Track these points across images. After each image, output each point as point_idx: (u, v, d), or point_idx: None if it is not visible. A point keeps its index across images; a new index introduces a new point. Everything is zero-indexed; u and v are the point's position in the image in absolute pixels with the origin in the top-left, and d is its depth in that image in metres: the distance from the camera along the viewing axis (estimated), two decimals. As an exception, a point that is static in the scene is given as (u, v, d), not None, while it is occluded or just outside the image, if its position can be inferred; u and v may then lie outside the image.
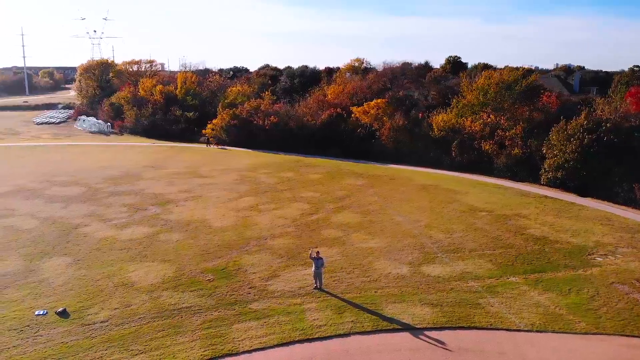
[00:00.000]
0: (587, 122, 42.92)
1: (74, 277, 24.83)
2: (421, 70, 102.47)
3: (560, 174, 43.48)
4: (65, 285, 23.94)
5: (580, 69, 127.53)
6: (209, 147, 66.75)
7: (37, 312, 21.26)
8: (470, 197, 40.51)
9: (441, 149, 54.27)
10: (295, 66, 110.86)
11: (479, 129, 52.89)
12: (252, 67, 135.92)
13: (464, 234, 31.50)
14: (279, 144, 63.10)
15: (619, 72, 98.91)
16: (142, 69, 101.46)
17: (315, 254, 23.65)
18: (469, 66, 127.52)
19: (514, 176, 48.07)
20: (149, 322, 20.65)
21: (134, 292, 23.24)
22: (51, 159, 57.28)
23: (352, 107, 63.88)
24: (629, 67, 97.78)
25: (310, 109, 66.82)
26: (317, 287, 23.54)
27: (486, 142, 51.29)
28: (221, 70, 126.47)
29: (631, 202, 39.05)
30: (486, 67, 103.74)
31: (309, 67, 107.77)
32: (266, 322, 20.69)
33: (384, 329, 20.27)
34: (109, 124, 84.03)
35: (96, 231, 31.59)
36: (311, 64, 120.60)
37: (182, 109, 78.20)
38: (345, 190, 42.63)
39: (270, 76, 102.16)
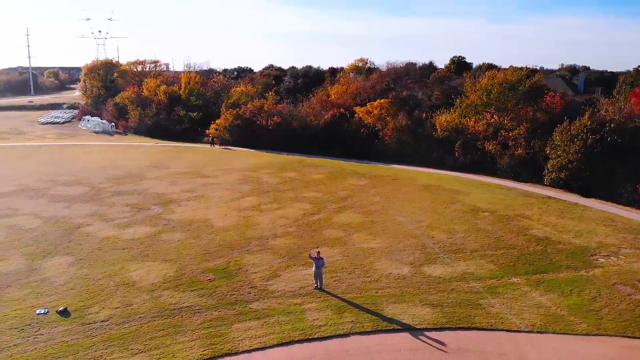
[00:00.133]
0: (590, 123, 42.71)
1: (76, 276, 24.92)
2: (425, 70, 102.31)
3: (563, 174, 43.30)
4: (66, 284, 24.03)
5: (585, 69, 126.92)
6: (213, 147, 66.88)
7: (38, 311, 21.35)
8: (472, 198, 40.40)
9: (444, 149, 54.18)
10: (299, 66, 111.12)
11: (482, 129, 52.75)
12: (257, 68, 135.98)
13: (466, 235, 31.42)
14: (282, 144, 63.16)
15: (624, 72, 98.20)
16: (147, 69, 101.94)
17: (315, 254, 23.64)
18: (474, 66, 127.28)
19: (517, 176, 47.94)
20: (149, 321, 20.70)
21: (135, 292, 23.30)
22: (55, 158, 57.52)
23: (355, 107, 63.83)
24: (634, 67, 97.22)
25: (313, 109, 66.83)
26: (318, 287, 23.53)
27: (489, 143, 51.15)
28: (225, 70, 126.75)
29: (635, 203, 38.86)
30: (491, 67, 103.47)
31: (313, 67, 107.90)
32: (266, 321, 20.69)
33: (383, 329, 20.24)
34: (113, 124, 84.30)
35: (98, 231, 31.69)
36: (315, 65, 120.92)
37: (186, 109, 78.40)
38: (347, 190, 42.60)
39: (274, 76, 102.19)
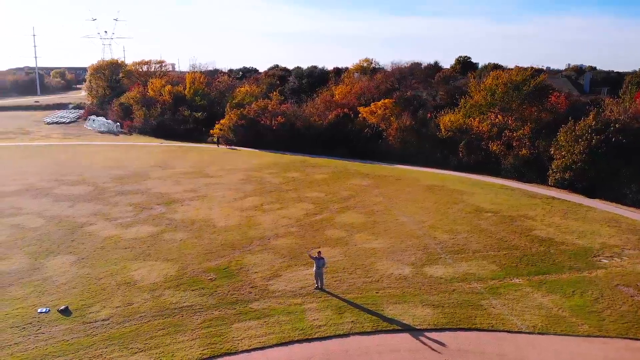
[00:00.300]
0: (595, 123, 42.48)
1: (78, 275, 25.01)
2: (430, 70, 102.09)
3: (568, 174, 43.08)
4: (68, 283, 24.12)
5: (591, 70, 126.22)
6: (218, 147, 66.97)
7: (39, 310, 21.43)
8: (476, 198, 40.25)
9: (448, 149, 54.06)
10: (304, 67, 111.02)
11: (486, 129, 52.57)
12: (262, 68, 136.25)
13: (468, 235, 31.30)
14: (286, 144, 63.20)
15: (630, 72, 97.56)
16: (152, 70, 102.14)
17: (316, 253, 23.61)
18: (480, 66, 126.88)
19: (521, 177, 47.75)
20: (149, 320, 20.74)
21: (136, 291, 23.35)
22: (60, 158, 57.79)
23: (359, 107, 63.80)
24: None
25: (317, 109, 66.87)
26: (318, 287, 23.50)
27: (494, 143, 50.96)
28: (231, 70, 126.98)
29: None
30: (496, 67, 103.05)
31: (318, 67, 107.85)
32: (266, 321, 20.69)
33: (384, 329, 20.18)
34: (118, 123, 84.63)
35: (101, 230, 31.80)
36: (321, 65, 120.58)
37: (191, 109, 78.62)
38: (350, 190, 42.55)
39: (278, 76, 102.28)
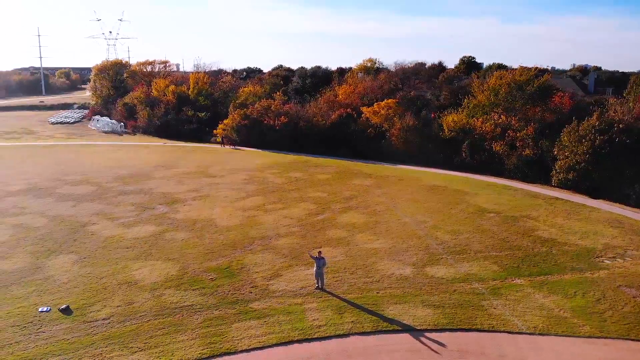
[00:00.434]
0: (599, 123, 42.24)
1: (79, 274, 25.08)
2: (434, 70, 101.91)
3: (571, 175, 42.88)
4: (70, 282, 24.20)
5: (596, 70, 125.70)
6: (223, 147, 66.98)
7: (40, 309, 21.51)
8: (479, 199, 40.12)
9: (451, 149, 53.87)
10: (308, 67, 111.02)
11: (489, 129, 52.38)
12: (266, 68, 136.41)
13: (470, 236, 31.20)
14: (289, 144, 63.20)
15: (635, 72, 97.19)
16: (156, 70, 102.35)
17: (317, 253, 23.59)
18: (484, 66, 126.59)
19: (524, 177, 47.56)
20: (150, 320, 20.78)
21: (137, 290, 23.40)
22: (64, 158, 58.00)
23: (362, 107, 63.73)
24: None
25: (320, 109, 66.80)
26: (319, 287, 23.48)
27: (497, 143, 50.76)
28: (235, 71, 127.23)
29: (643, 204, 38.40)
30: (501, 67, 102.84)
31: (322, 67, 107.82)
32: (266, 321, 20.68)
33: (384, 329, 20.14)
34: (122, 123, 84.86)
35: (103, 229, 31.89)
36: (325, 65, 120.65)
37: (194, 109, 78.76)
38: (352, 190, 42.50)
39: (282, 77, 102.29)
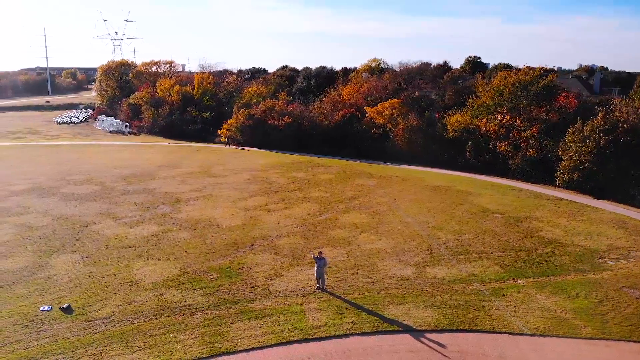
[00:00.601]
0: (603, 124, 41.98)
1: (81, 273, 25.15)
2: (439, 70, 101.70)
3: (576, 175, 42.63)
4: (71, 281, 24.27)
5: (602, 70, 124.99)
6: (228, 147, 66.99)
7: (42, 308, 21.58)
8: (482, 199, 39.95)
9: (455, 149, 53.73)
10: (313, 67, 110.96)
11: (494, 129, 52.20)
12: (271, 69, 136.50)
13: (473, 236, 31.06)
14: (293, 144, 63.21)
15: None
16: (161, 70, 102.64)
17: (317, 253, 23.55)
18: (490, 67, 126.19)
19: (529, 178, 47.36)
20: (150, 319, 20.80)
21: (138, 290, 23.44)
22: (68, 157, 58.26)
23: (366, 107, 63.66)
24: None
25: (324, 109, 66.81)
26: (320, 287, 23.44)
27: (501, 143, 50.59)
28: (240, 71, 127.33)
29: (648, 205, 38.12)
30: (506, 67, 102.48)
31: (326, 67, 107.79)
32: (266, 321, 20.66)
33: (384, 330, 20.08)
34: (127, 124, 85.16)
35: (106, 229, 31.98)
36: (331, 65, 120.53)
37: (199, 110, 78.93)
38: (355, 190, 42.44)
39: (287, 77, 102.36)
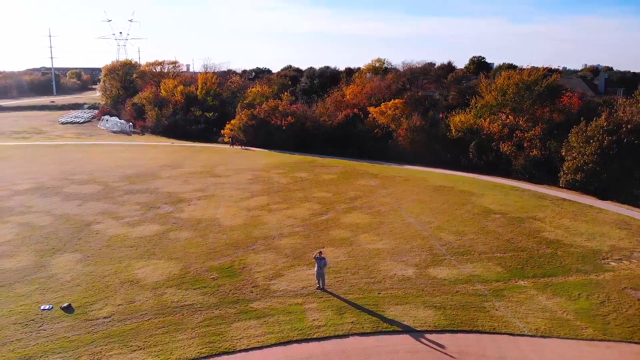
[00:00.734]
0: (607, 124, 41.76)
1: (82, 273, 25.21)
2: (443, 70, 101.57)
3: (579, 176, 42.42)
4: (72, 281, 24.33)
5: (607, 70, 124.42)
6: (232, 147, 67.00)
7: (42, 307, 21.64)
8: (485, 199, 39.82)
9: (458, 150, 53.57)
10: (317, 67, 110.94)
11: (497, 129, 52.03)
12: (276, 69, 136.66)
13: (475, 237, 30.95)
14: (296, 145, 63.22)
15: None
16: (165, 70, 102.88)
17: (317, 254, 23.51)
18: (494, 67, 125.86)
19: (532, 178, 47.17)
20: (150, 318, 20.82)
21: (139, 289, 23.47)
22: (72, 157, 58.46)
23: (369, 107, 63.57)
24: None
25: (327, 110, 66.78)
26: (320, 287, 23.41)
27: (504, 144, 50.40)
28: (244, 71, 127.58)
29: (652, 206, 37.88)
30: (511, 67, 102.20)
31: (330, 67, 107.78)
32: (266, 321, 20.64)
33: (383, 330, 20.02)
34: (131, 123, 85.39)
35: (108, 228, 32.06)
36: (335, 65, 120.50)
37: (202, 110, 79.05)
38: (358, 190, 42.38)
39: (290, 77, 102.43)
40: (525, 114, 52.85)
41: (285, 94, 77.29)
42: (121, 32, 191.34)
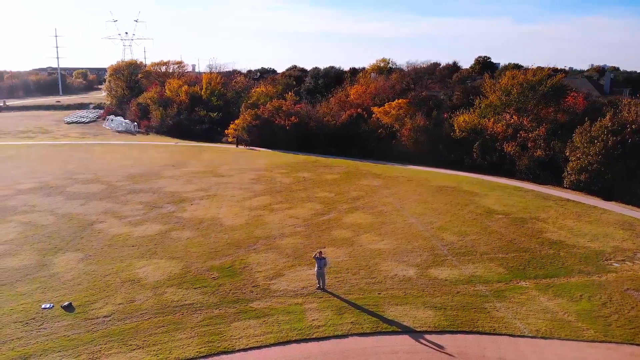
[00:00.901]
0: (611, 124, 41.50)
1: (83, 272, 25.29)
2: (448, 70, 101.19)
3: (583, 176, 42.17)
4: (74, 280, 24.40)
5: (614, 70, 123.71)
6: (237, 147, 67.00)
7: (43, 306, 21.71)
8: (488, 200, 39.66)
9: (462, 150, 53.38)
10: (322, 67, 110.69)
11: (501, 130, 51.81)
12: (281, 69, 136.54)
13: (477, 237, 30.82)
14: (299, 144, 63.20)
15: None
16: (170, 70, 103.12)
17: (317, 254, 23.47)
18: (500, 66, 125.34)
19: (536, 178, 46.96)
20: (150, 318, 20.85)
21: (139, 288, 23.52)
22: (76, 157, 58.69)
23: (373, 107, 63.47)
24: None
25: (331, 109, 66.73)
26: (320, 287, 23.37)
27: (508, 144, 50.19)
28: (249, 71, 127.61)
29: (657, 207, 37.60)
30: (517, 67, 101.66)
31: (335, 67, 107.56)
32: (265, 321, 20.62)
33: (383, 331, 19.95)
34: (136, 123, 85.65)
35: (110, 228, 32.15)
36: (339, 65, 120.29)
37: (207, 110, 79.17)
38: (360, 190, 42.31)
39: (295, 77, 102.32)
40: (529, 114, 52.61)
41: (289, 94, 77.28)
42: (127, 33, 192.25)
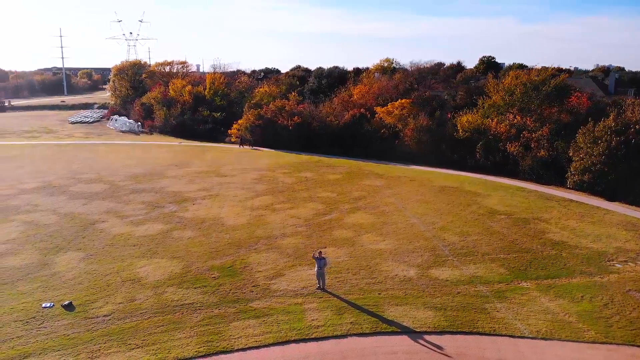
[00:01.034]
0: (615, 124, 41.27)
1: (85, 271, 25.36)
2: (452, 70, 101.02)
3: (586, 177, 41.96)
4: (75, 279, 24.47)
5: (619, 70, 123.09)
6: (241, 147, 67.01)
7: (44, 305, 21.79)
8: (491, 200, 39.52)
9: (465, 150, 53.25)
10: (326, 67, 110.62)
11: (504, 130, 51.61)
12: (285, 69, 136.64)
13: (479, 237, 30.71)
14: (302, 144, 63.20)
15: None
16: (174, 70, 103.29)
17: (317, 254, 23.44)
18: (504, 66, 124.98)
19: (539, 179, 46.76)
20: (150, 317, 20.88)
21: (140, 288, 23.56)
22: (80, 156, 58.88)
23: (376, 107, 63.38)
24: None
25: (334, 109, 66.68)
26: (320, 287, 23.34)
27: (511, 144, 49.98)
28: (253, 71, 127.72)
29: (661, 208, 37.37)
30: (521, 67, 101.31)
31: (339, 67, 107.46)
32: (265, 320, 20.61)
33: (382, 331, 19.90)
34: (139, 123, 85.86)
35: (112, 227, 32.23)
36: (343, 65, 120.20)
37: (210, 110, 79.32)
38: (362, 190, 42.25)
39: (298, 77, 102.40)
40: (532, 114, 52.38)
41: (292, 94, 77.28)
42: (131, 33, 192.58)
